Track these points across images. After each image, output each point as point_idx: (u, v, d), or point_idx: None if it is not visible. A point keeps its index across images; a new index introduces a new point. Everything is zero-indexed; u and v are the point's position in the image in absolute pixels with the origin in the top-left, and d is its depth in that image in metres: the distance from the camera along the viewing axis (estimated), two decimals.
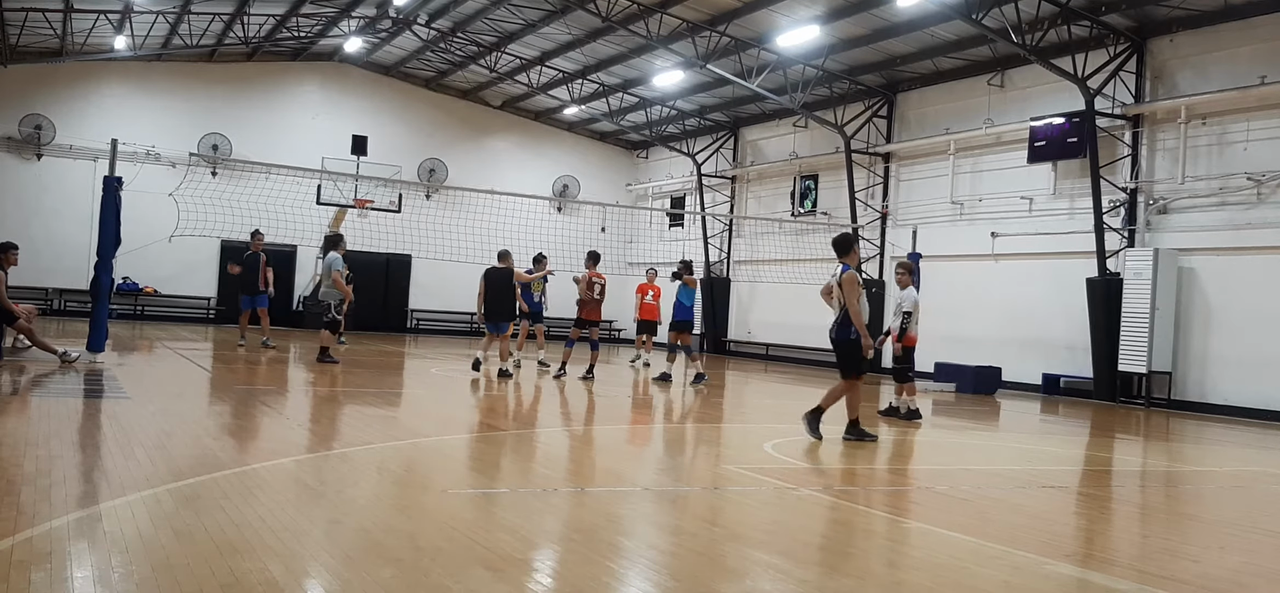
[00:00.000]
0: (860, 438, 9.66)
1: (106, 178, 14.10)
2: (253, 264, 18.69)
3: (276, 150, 25.96)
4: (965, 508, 6.97)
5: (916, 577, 5.03)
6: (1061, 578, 5.18)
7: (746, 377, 20.56)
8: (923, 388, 18.45)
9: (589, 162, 32.96)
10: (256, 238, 18.98)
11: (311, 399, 11.71)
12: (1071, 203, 19.12)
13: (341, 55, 29.04)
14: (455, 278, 26.55)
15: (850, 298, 9.49)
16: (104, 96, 26.86)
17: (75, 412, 9.14)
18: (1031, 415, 15.36)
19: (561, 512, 6.14)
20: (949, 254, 21.22)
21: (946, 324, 20.68)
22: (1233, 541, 6.61)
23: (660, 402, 14.38)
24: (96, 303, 14.06)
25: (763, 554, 5.30)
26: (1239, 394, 16.09)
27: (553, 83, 28.17)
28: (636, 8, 20.94)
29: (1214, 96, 16.75)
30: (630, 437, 10.43)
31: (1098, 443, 12.18)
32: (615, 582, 4.64)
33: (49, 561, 4.31)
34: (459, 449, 8.52)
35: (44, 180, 26.39)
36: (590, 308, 15.91)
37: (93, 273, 14.28)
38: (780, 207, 26.93)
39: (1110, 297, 17.64)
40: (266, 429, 9.10)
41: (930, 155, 22.49)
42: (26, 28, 23.55)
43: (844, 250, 9.84)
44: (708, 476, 7.95)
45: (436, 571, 4.49)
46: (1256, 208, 16.23)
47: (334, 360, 15.68)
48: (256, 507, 5.50)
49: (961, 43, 20.23)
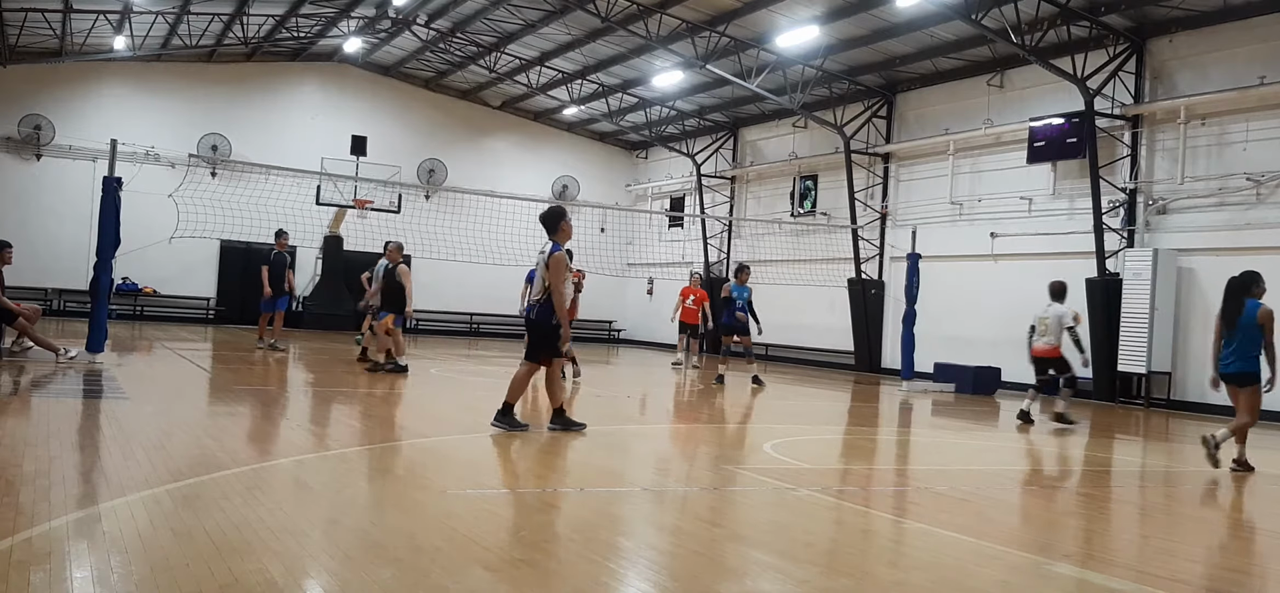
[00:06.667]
0: (567, 427, 9.13)
1: (106, 178, 14.09)
2: (280, 264, 18.54)
3: (276, 151, 25.96)
4: (965, 508, 6.97)
5: (916, 577, 5.03)
6: (1060, 578, 5.18)
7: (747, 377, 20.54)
8: (922, 388, 18.50)
9: (588, 162, 32.97)
10: (281, 238, 18.73)
11: (311, 399, 11.71)
12: (1071, 203, 19.12)
13: (341, 55, 29.03)
14: (455, 278, 26.62)
15: (555, 280, 8.89)
16: (103, 97, 26.86)
17: (74, 412, 9.14)
18: None
19: (561, 512, 6.14)
20: (948, 254, 21.21)
21: (946, 324, 20.71)
22: (1233, 541, 6.61)
23: (660, 402, 14.38)
24: (96, 303, 14.05)
25: (763, 554, 5.30)
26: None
27: (552, 83, 28.17)
28: (636, 8, 20.95)
29: (1213, 97, 16.75)
30: (630, 437, 10.43)
31: (1097, 443, 12.18)
32: (615, 582, 4.64)
33: (48, 561, 4.31)
34: (458, 449, 8.52)
35: (43, 181, 26.38)
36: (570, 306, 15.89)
37: (92, 273, 14.26)
38: (780, 207, 26.93)
39: (1110, 297, 17.65)
40: (266, 430, 9.10)
41: (930, 155, 22.50)
42: (26, 28, 23.55)
43: (551, 227, 9.12)
44: (708, 476, 7.95)
45: (436, 571, 4.49)
46: (1256, 208, 16.24)
47: None
48: (256, 507, 5.49)
49: (961, 43, 20.24)
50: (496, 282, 25.92)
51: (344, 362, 16.60)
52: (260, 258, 19.29)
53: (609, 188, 32.49)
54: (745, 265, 17.79)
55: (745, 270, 17.46)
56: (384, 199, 27.78)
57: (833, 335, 24.47)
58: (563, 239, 9.14)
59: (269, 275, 18.19)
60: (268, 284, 18.19)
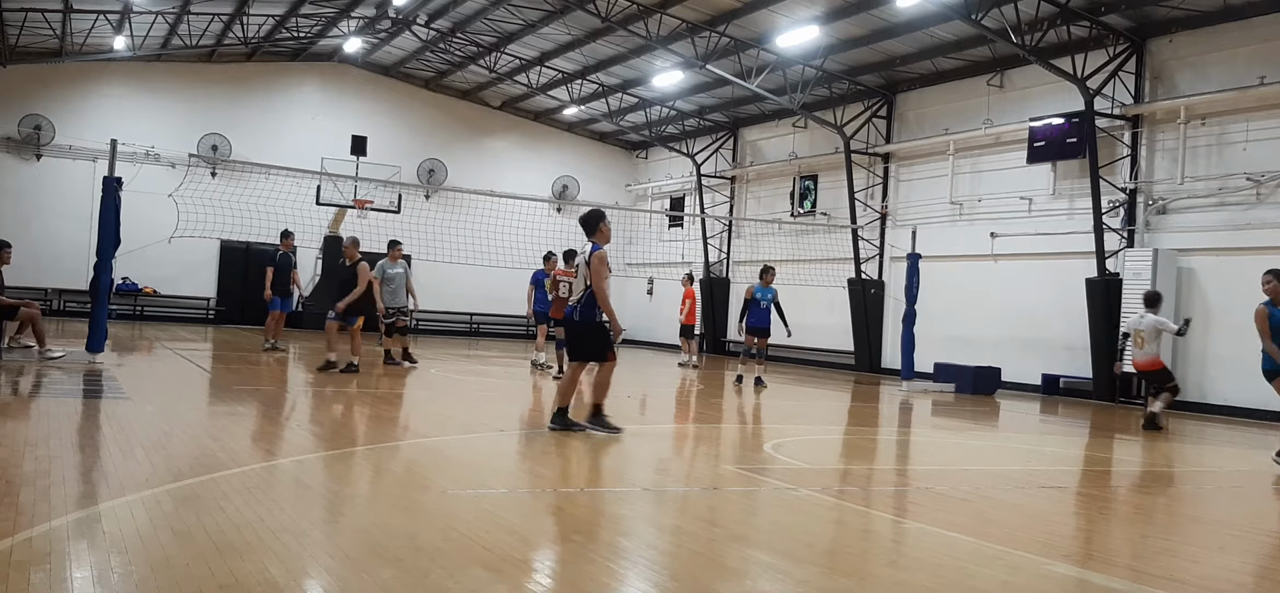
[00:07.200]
0: (603, 429, 9.15)
1: (106, 178, 14.08)
2: (285, 265, 18.47)
3: (276, 151, 25.97)
4: (965, 508, 6.97)
5: (916, 577, 5.03)
6: (1060, 578, 5.18)
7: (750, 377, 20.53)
8: (922, 388, 18.50)
9: (588, 162, 32.97)
10: (287, 238, 18.65)
11: (311, 400, 11.71)
12: (1071, 203, 19.12)
13: (341, 55, 29.03)
14: (455, 278, 26.60)
15: (597, 279, 9.02)
16: (103, 97, 26.87)
17: (74, 412, 9.14)
18: (1031, 416, 15.37)
19: (561, 512, 6.14)
20: (948, 254, 21.22)
21: (946, 324, 20.71)
22: (1233, 541, 6.61)
23: (660, 403, 14.38)
24: (96, 303, 14.04)
25: (763, 554, 5.30)
26: (1239, 394, 16.08)
27: (552, 83, 28.17)
28: (636, 8, 20.95)
29: (1213, 97, 16.75)
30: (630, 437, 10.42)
31: (1097, 443, 12.18)
32: (615, 582, 4.64)
33: (48, 561, 4.31)
34: (459, 449, 8.52)
35: (43, 181, 26.39)
36: (559, 307, 15.91)
37: (92, 273, 14.26)
38: (780, 207, 26.93)
39: (1109, 297, 17.64)
40: (266, 430, 9.10)
41: (930, 156, 22.50)
42: (26, 28, 23.55)
43: (591, 229, 9.30)
44: (708, 476, 7.95)
45: (436, 571, 4.48)
46: (1255, 208, 16.23)
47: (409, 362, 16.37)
48: (256, 507, 5.49)
49: (961, 43, 20.24)
50: (496, 282, 25.91)
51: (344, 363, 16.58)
52: (260, 258, 19.24)
53: (609, 188, 32.49)
54: (770, 266, 17.54)
55: (770, 272, 17.26)
56: (384, 199, 27.78)
57: (833, 335, 24.46)
58: (602, 240, 9.31)
59: (274, 275, 18.15)
60: (269, 285, 18.09)
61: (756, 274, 17.61)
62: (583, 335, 9.24)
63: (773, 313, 17.02)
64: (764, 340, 17.21)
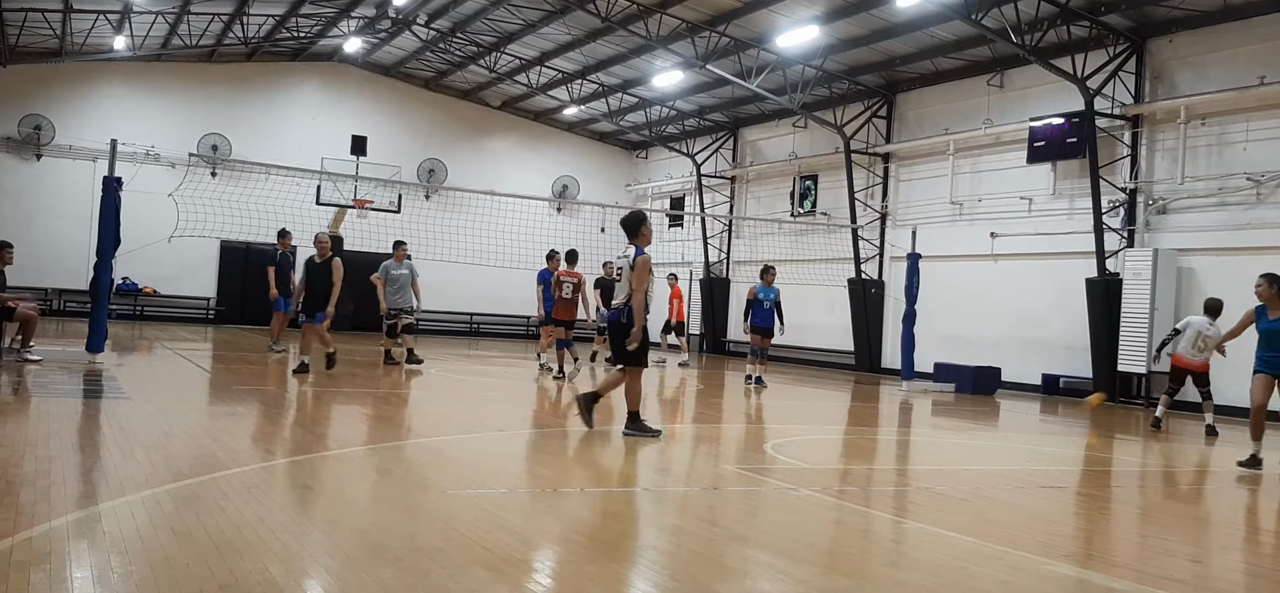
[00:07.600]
0: (641, 433, 9.14)
1: (106, 178, 14.09)
2: (285, 265, 18.43)
3: (276, 151, 25.95)
4: (965, 508, 6.97)
5: (916, 577, 5.03)
6: (1061, 578, 5.18)
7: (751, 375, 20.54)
8: (922, 388, 18.50)
9: (588, 162, 32.97)
10: (284, 238, 18.55)
11: (311, 400, 11.71)
12: (1071, 203, 19.12)
13: (341, 55, 29.03)
14: (455, 278, 26.59)
15: (638, 284, 8.87)
16: (103, 97, 26.86)
17: (74, 412, 9.14)
18: (1031, 416, 15.37)
19: (561, 512, 6.14)
20: (948, 254, 21.22)
21: (946, 324, 20.71)
22: (1233, 541, 6.61)
23: (660, 402, 14.37)
24: (96, 303, 14.04)
25: (763, 554, 5.30)
26: (1239, 394, 16.00)
27: (552, 83, 28.17)
28: (636, 8, 20.95)
29: (1213, 97, 16.75)
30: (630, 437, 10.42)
31: (1097, 443, 12.18)
32: (615, 582, 4.64)
33: (48, 561, 4.31)
34: (458, 449, 8.52)
35: (43, 181, 26.39)
36: (561, 307, 15.89)
37: (92, 273, 14.26)
38: (780, 207, 26.93)
39: (1110, 297, 17.64)
40: (266, 430, 9.09)
41: (930, 155, 22.50)
42: (26, 28, 23.55)
43: (633, 232, 9.12)
44: (708, 476, 7.95)
45: (436, 571, 4.48)
46: (1255, 208, 16.23)
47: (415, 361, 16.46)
48: (256, 507, 5.49)
49: (961, 43, 20.23)
50: (496, 282, 25.89)
51: (344, 362, 16.59)
52: (260, 258, 19.22)
53: (609, 188, 32.48)
54: (771, 266, 17.56)
55: (771, 271, 17.30)
56: (384, 199, 27.75)
57: (833, 335, 24.46)
58: (644, 243, 9.13)
59: (276, 275, 18.11)
60: (274, 284, 18.04)
61: (757, 274, 17.63)
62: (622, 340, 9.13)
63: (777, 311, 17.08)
64: (768, 340, 17.24)
